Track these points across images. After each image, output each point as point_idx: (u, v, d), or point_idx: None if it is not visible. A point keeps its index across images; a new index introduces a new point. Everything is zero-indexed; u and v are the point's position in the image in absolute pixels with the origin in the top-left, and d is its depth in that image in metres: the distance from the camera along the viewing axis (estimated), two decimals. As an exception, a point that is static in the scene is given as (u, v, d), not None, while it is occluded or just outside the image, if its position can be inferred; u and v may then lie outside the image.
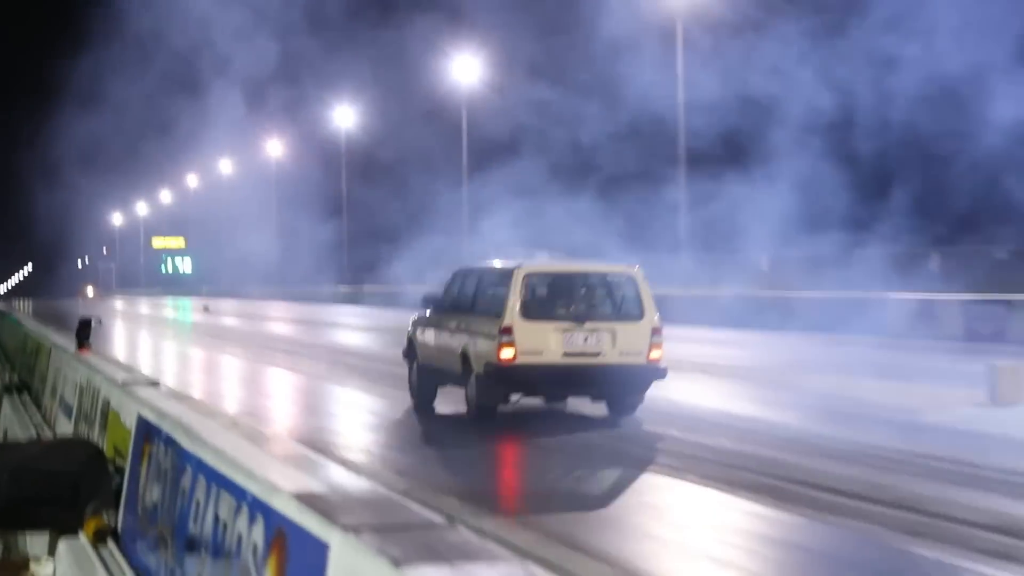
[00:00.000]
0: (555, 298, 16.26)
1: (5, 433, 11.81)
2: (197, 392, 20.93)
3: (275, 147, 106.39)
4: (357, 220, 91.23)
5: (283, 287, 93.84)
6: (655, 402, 16.62)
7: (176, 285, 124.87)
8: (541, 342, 15.65)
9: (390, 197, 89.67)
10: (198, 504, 4.25)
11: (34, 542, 6.63)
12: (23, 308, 78.38)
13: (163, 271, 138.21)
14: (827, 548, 9.47)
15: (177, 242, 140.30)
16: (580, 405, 17.05)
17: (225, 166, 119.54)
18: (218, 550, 3.98)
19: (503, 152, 73.95)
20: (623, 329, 15.90)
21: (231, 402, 19.58)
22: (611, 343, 15.83)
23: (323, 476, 3.64)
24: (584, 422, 16.17)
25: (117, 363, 7.90)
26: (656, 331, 15.95)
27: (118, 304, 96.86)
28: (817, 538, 9.73)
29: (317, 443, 14.82)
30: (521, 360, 15.54)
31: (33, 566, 5.90)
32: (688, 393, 19.52)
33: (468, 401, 16.27)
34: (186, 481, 4.48)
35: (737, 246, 58.01)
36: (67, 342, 10.64)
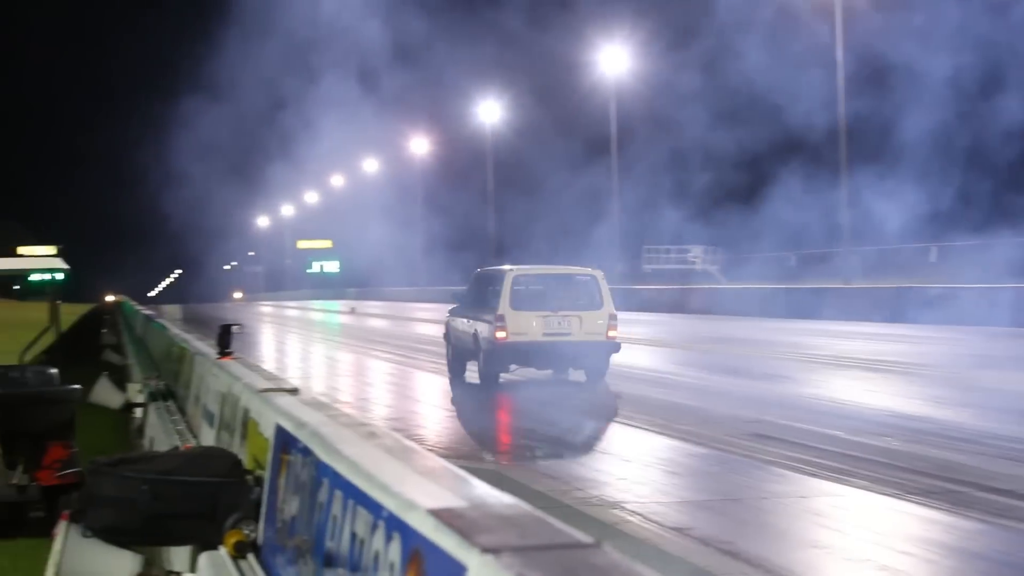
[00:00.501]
0: (536, 293, 21.91)
1: (151, 442, 12.00)
2: (342, 397, 21.14)
3: (420, 145, 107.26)
4: (504, 218, 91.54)
5: (429, 288, 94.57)
6: (818, 402, 16.30)
7: (323, 287, 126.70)
8: (526, 326, 21.17)
9: (537, 193, 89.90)
10: (335, 519, 4.18)
11: (175, 556, 6.67)
12: (172, 313, 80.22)
13: (310, 273, 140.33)
14: (1008, 557, 9.12)
15: (323, 244, 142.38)
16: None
17: (370, 165, 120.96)
18: (355, 568, 3.89)
19: (647, 146, 73.57)
20: (587, 316, 21.34)
21: (375, 407, 19.72)
22: (579, 326, 21.28)
23: (464, 491, 3.52)
24: (739, 423, 15.92)
25: (258, 369, 7.91)
26: (612, 316, 21.37)
27: (265, 307, 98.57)
28: (997, 546, 9.38)
29: (459, 450, 14.82)
30: (511, 339, 21.11)
31: (174, 581, 5.88)
32: (854, 392, 19.12)
33: (479, 371, 22.07)
34: (323, 495, 4.42)
35: (899, 238, 56.84)
36: (209, 348, 10.74)
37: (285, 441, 5.65)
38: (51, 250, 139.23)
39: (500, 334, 21.20)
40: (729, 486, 11.94)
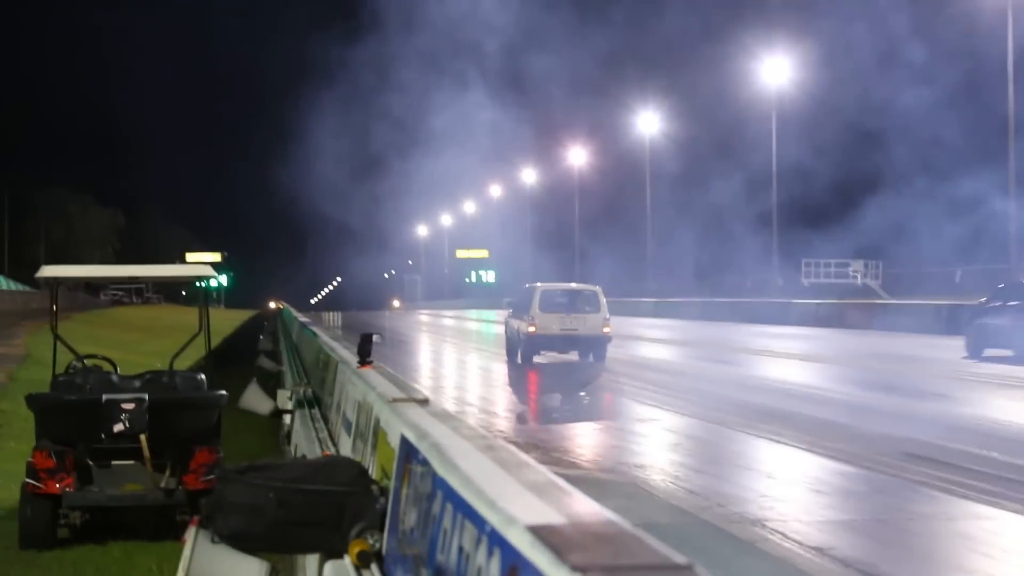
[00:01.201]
0: (557, 302, 31.84)
1: (296, 448, 12.17)
2: (479, 408, 21.22)
3: (577, 155, 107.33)
4: (660, 228, 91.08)
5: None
6: (975, 422, 15.87)
7: (480, 296, 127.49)
8: (548, 323, 31.02)
9: (693, 205, 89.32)
10: (445, 532, 4.19)
11: (300, 565, 6.74)
12: (331, 321, 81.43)
13: (467, 282, 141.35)
14: None
15: (481, 253, 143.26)
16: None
17: (528, 176, 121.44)
18: (455, 583, 3.88)
19: (804, 158, 72.56)
20: (590, 317, 31.18)
21: (507, 419, 19.74)
22: (583, 324, 31.16)
23: (566, 507, 3.50)
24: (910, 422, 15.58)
25: (395, 379, 7.97)
26: (606, 319, 31.18)
27: (423, 316, 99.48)
28: None
29: (601, 463, 14.76)
30: (539, 333, 31.10)
31: (299, 588, 5.94)
32: (1013, 412, 18.60)
33: (520, 355, 32.17)
34: (436, 507, 4.43)
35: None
36: (351, 356, 10.86)
37: (408, 452, 5.68)
38: (216, 257, 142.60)
39: (531, 328, 31.40)
40: (875, 506, 11.70)
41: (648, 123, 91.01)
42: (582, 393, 24.36)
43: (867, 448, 15.10)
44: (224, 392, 11.44)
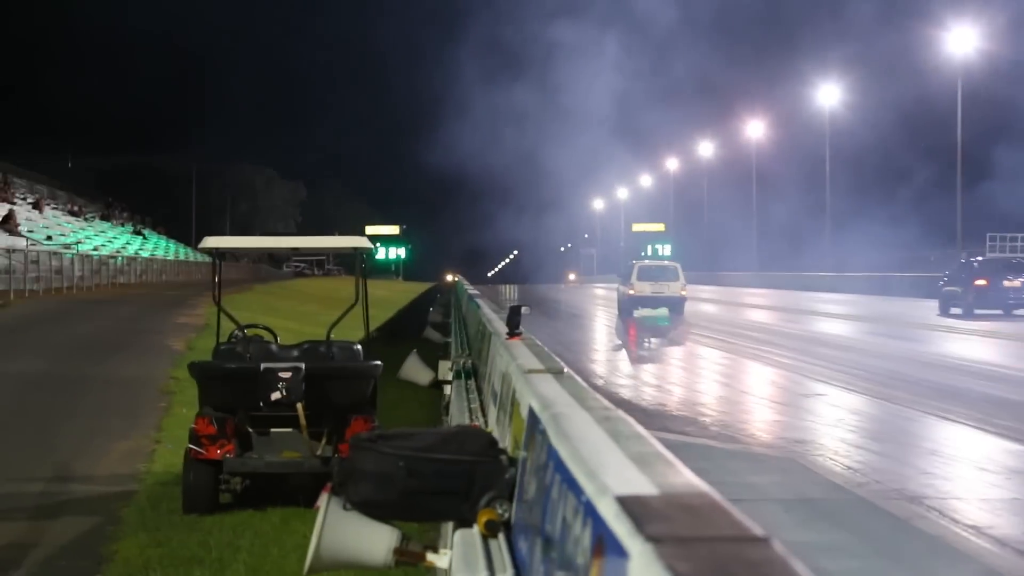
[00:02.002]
0: (649, 271, 44.69)
1: (451, 419, 12.29)
2: (622, 381, 21.14)
3: (755, 128, 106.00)
4: (838, 202, 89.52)
5: (764, 273, 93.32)
6: None
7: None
8: (642, 288, 43.33)
9: (876, 179, 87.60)
10: (553, 502, 4.20)
11: (431, 534, 6.80)
12: (508, 294, 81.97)
13: (643, 256, 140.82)
14: None
15: (656, 227, 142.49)
16: None
17: (704, 149, 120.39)
18: (562, 552, 3.91)
19: (992, 129, 70.52)
20: (671, 284, 43.46)
21: (645, 390, 19.62)
22: (667, 288, 43.26)
23: (663, 478, 3.47)
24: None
25: (538, 351, 7.98)
26: (683, 285, 43.92)
27: (598, 290, 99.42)
28: None
29: (758, 437, 14.58)
30: (636, 293, 43.40)
31: (431, 557, 6.01)
32: None
33: (619, 312, 45.10)
34: (548, 477, 4.45)
35: None
36: (503, 328, 10.89)
37: (533, 422, 5.69)
38: (394, 229, 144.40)
39: (630, 291, 44.50)
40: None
41: (828, 95, 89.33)
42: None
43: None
44: (379, 363, 11.58)
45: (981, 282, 42.20)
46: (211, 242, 11.98)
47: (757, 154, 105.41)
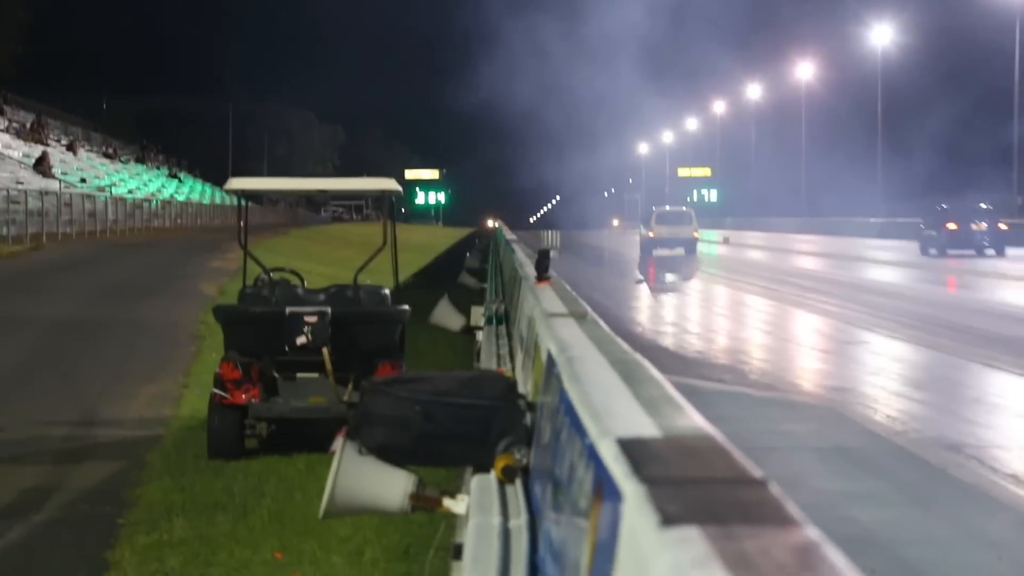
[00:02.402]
0: (665, 217, 55.67)
1: (482, 364, 12.28)
2: (664, 328, 21.07)
3: (805, 70, 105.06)
4: (893, 148, 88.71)
5: (813, 219, 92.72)
6: None
7: (702, 216, 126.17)
8: (660, 230, 54.14)
9: (927, 123, 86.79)
10: (562, 446, 4.21)
11: (449, 479, 6.82)
12: (550, 239, 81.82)
13: (689, 201, 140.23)
14: None
15: (703, 172, 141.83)
16: None
17: (753, 92, 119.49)
18: (568, 495, 3.91)
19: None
20: (684, 228, 54.04)
21: (685, 338, 19.57)
22: (680, 231, 54.02)
23: (669, 422, 3.46)
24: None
25: (565, 295, 7.97)
26: (695, 228, 54.69)
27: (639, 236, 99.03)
28: None
29: (799, 386, 14.53)
30: (655, 236, 54.10)
31: (447, 502, 6.02)
32: None
33: (641, 249, 55.05)
34: (559, 420, 4.45)
35: None
36: (533, 272, 10.87)
37: (551, 366, 5.68)
38: (434, 174, 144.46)
39: (651, 233, 53.97)
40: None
41: (881, 36, 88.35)
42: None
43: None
44: (407, 307, 11.58)
45: (952, 226, 48.40)
46: (236, 183, 11.99)
47: (807, 97, 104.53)
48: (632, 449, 3.24)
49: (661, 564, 2.39)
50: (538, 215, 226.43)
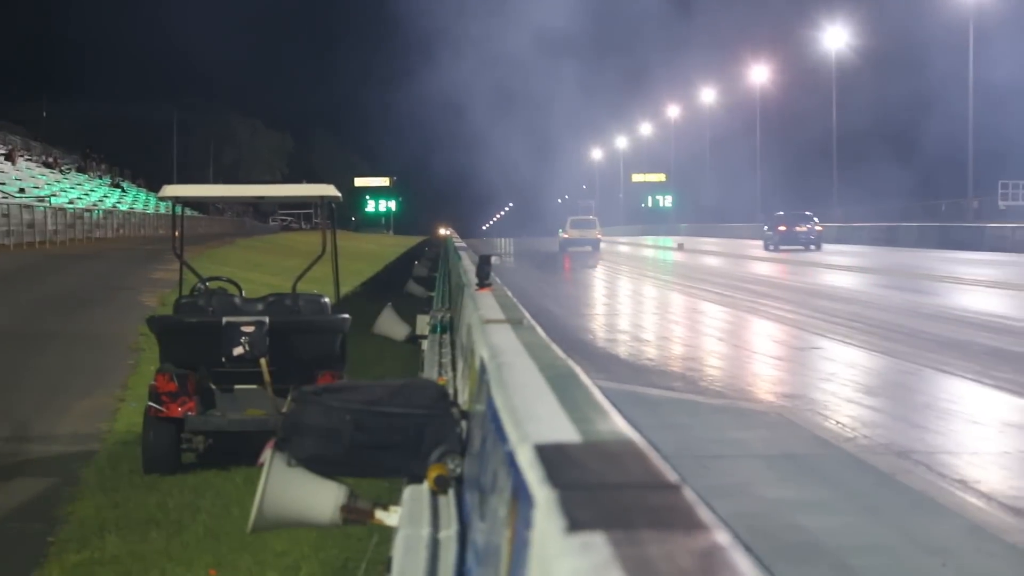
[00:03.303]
0: (577, 223, 75.09)
1: (423, 374, 12.24)
2: (617, 337, 21.10)
3: (759, 74, 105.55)
4: (845, 147, 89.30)
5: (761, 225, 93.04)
6: None
7: (656, 222, 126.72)
8: (572, 233, 73.00)
9: (881, 125, 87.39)
10: (487, 453, 4.18)
11: (380, 490, 6.79)
12: (503, 247, 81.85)
13: (643, 207, 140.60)
14: None
15: (657, 177, 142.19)
16: None
17: (707, 96, 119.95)
18: (491, 505, 3.89)
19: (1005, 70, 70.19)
20: (591, 230, 72.58)
21: (638, 346, 19.62)
22: (588, 233, 72.15)
23: (591, 427, 3.46)
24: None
25: (505, 301, 7.95)
26: (599, 231, 73.90)
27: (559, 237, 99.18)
28: None
29: (746, 392, 14.58)
30: (567, 237, 73.13)
31: (379, 514, 5.98)
32: None
33: (559, 247, 72.19)
34: (486, 427, 4.43)
35: None
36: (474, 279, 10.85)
37: (482, 372, 5.66)
38: (385, 181, 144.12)
39: (566, 235, 72.02)
40: (1035, 439, 11.35)
41: (834, 38, 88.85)
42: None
43: (1040, 379, 14.67)
44: (347, 316, 11.53)
45: (782, 228, 65.97)
46: (170, 191, 11.92)
47: (762, 102, 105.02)
48: (549, 455, 3.22)
49: (563, 569, 2.37)
50: (491, 222, 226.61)
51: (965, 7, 69.66)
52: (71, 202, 62.20)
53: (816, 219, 66.76)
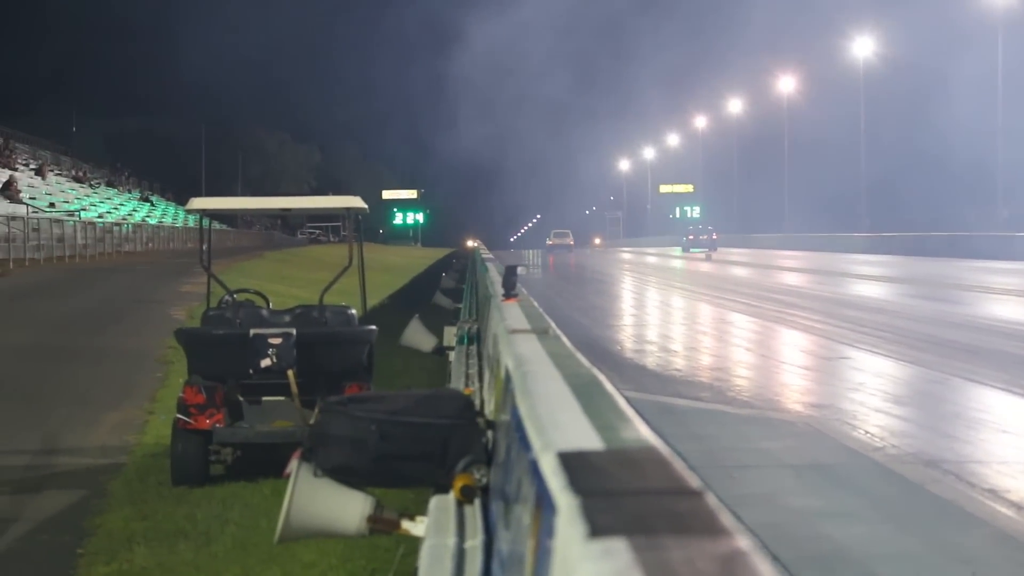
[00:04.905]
0: (557, 234, 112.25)
1: (450, 385, 12.25)
2: (645, 347, 21.07)
3: (787, 84, 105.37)
4: (875, 158, 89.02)
5: (796, 234, 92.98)
6: None
7: (684, 233, 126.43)
8: (554, 240, 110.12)
9: (914, 134, 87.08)
10: (511, 462, 4.19)
11: (406, 500, 6.79)
12: (531, 258, 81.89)
13: (671, 218, 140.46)
14: None
15: (685, 188, 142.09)
16: None
17: (734, 106, 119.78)
18: (515, 514, 3.89)
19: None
20: (566, 239, 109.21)
21: (666, 357, 19.60)
22: (564, 240, 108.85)
23: (615, 434, 3.46)
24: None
25: (531, 312, 7.94)
26: (571, 239, 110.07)
27: (624, 254, 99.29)
28: None
29: (777, 403, 14.55)
30: (550, 244, 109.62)
31: (406, 524, 5.99)
32: None
33: (544, 249, 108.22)
34: (511, 436, 4.43)
35: None
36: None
37: (508, 382, 5.67)
38: (412, 194, 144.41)
39: (549, 242, 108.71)
40: (1066, 449, 11.30)
41: (862, 47, 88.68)
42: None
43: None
44: (374, 327, 11.55)
45: (689, 236, 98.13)
46: (198, 203, 11.97)
47: (790, 113, 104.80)
48: (571, 462, 3.23)
49: (585, 575, 2.38)
50: (519, 234, 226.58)
51: (993, 12, 69.41)
52: (100, 216, 62.50)
53: (712, 229, 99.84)
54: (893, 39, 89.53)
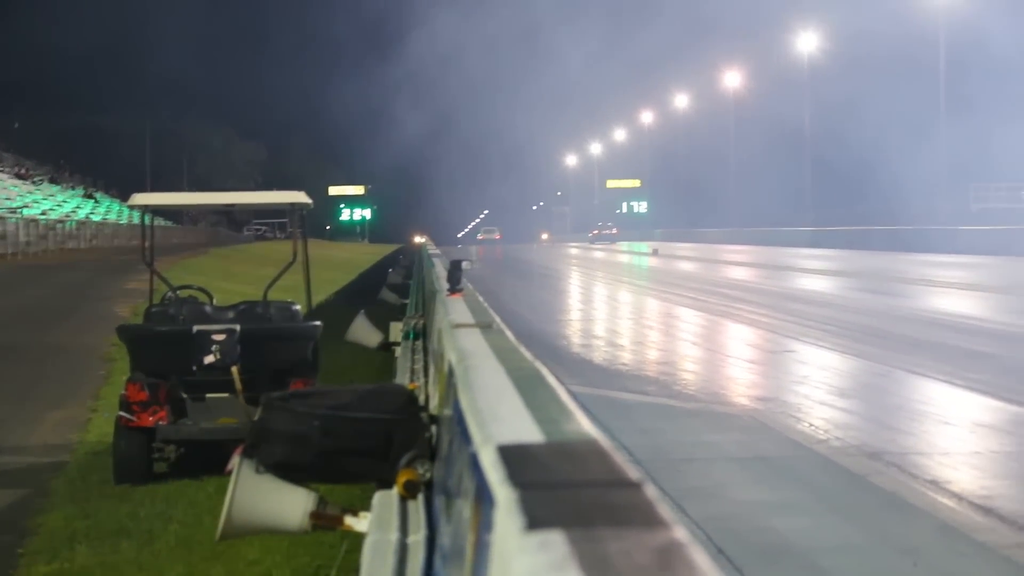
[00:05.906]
0: (486, 231, 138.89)
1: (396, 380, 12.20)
2: (593, 343, 21.09)
3: (733, 79, 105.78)
4: (822, 154, 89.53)
5: (742, 229, 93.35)
6: None
7: (631, 228, 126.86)
8: (484, 235, 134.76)
9: (858, 129, 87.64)
10: (452, 456, 4.17)
11: (351, 495, 6.75)
12: (479, 254, 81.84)
13: (617, 213, 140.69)
14: None
15: (632, 183, 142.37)
16: None
17: (680, 101, 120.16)
18: (456, 508, 3.87)
19: (979, 74, 70.49)
20: (494, 235, 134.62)
21: (612, 351, 19.64)
22: (493, 235, 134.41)
23: (554, 427, 3.44)
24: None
25: (476, 306, 7.92)
26: (499, 233, 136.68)
27: (572, 249, 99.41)
28: None
29: (721, 395, 14.60)
30: (482, 237, 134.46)
31: (348, 520, 5.95)
32: None
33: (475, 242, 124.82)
34: (454, 430, 4.42)
35: None
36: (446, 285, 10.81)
37: (450, 376, 5.64)
38: (359, 190, 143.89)
39: (481, 236, 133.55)
40: (1005, 440, 11.39)
41: (806, 42, 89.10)
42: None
43: (1013, 380, 14.71)
44: (319, 323, 11.50)
45: (595, 231, 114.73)
46: (140, 199, 11.87)
47: (739, 106, 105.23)
48: (511, 455, 3.20)
49: (520, 567, 2.36)
50: (466, 230, 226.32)
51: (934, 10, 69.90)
52: (44, 213, 61.94)
53: (612, 224, 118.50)
54: (838, 31, 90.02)
